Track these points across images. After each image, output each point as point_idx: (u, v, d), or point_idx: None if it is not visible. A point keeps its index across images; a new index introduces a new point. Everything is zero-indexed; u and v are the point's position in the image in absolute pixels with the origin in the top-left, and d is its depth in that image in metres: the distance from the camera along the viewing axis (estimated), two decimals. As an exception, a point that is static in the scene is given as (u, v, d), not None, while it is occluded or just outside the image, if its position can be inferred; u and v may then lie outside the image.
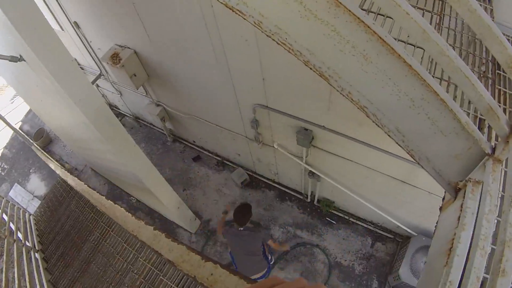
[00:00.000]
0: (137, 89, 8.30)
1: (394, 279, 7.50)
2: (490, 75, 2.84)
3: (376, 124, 2.28)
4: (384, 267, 8.32)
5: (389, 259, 8.40)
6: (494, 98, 1.91)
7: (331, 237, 8.86)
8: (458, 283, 1.80)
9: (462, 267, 1.84)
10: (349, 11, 1.77)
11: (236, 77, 6.30)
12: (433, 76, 2.04)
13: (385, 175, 6.64)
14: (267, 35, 2.06)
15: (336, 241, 8.79)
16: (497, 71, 2.90)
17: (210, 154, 10.34)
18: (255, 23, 2.03)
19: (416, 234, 7.65)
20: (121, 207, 4.60)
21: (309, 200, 9.29)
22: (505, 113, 2.01)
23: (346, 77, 2.12)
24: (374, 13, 2.64)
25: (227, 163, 10.16)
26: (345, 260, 8.48)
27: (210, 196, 9.73)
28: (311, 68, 2.14)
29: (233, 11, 2.02)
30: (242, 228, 6.48)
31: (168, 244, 2.75)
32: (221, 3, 1.99)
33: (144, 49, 7.30)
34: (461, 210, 2.15)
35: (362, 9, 1.82)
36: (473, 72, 1.84)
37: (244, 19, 2.03)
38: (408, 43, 2.58)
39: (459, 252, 1.91)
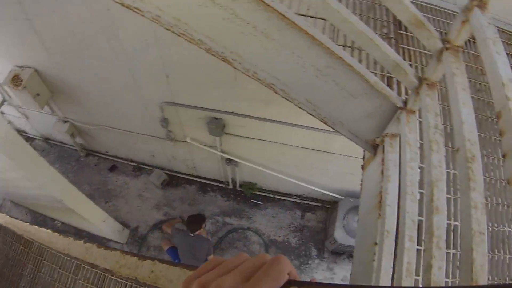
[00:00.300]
0: (42, 109, 7.94)
1: (331, 243, 7.74)
2: (392, 36, 2.99)
3: (286, 99, 2.33)
4: (319, 234, 8.55)
5: (322, 226, 8.64)
6: (399, 55, 2.01)
7: (260, 217, 8.97)
8: (395, 231, 1.90)
9: (396, 216, 1.95)
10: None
11: (139, 78, 6.21)
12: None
13: (301, 148, 6.81)
14: (166, 29, 2.05)
15: (266, 220, 8.91)
16: (398, 31, 3.06)
17: (125, 161, 10.07)
18: (153, 18, 2.02)
19: (343, 197, 7.91)
20: (47, 230, 4.44)
21: (231, 186, 9.33)
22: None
23: (249, 58, 2.16)
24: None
25: (144, 166, 9.95)
26: (279, 236, 8.63)
27: (133, 204, 9.51)
28: (213, 55, 2.15)
29: (130, 9, 1.99)
30: (192, 235, 6.67)
31: (102, 254, 2.72)
32: (117, 2, 1.97)
33: (44, 65, 6.98)
34: (383, 164, 2.27)
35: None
36: (377, 34, 1.93)
37: (142, 15, 2.01)
38: (308, 16, 2.66)
39: (389, 202, 2.02)
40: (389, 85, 2.55)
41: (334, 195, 8.01)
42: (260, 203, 9.11)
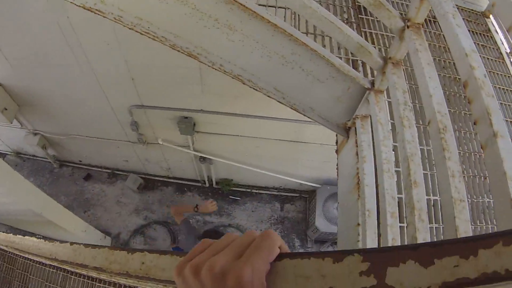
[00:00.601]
0: (11, 123, 7.79)
1: (313, 232, 7.78)
2: (353, 20, 3.02)
3: (254, 89, 2.33)
4: (300, 224, 8.59)
5: (302, 216, 8.67)
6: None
7: (240, 213, 8.96)
8: (376, 210, 1.92)
9: (375, 195, 1.97)
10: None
11: (105, 84, 6.12)
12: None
13: (275, 140, 6.82)
14: (129, 28, 2.03)
15: (246, 215, 8.90)
16: (359, 15, 3.10)
17: (99, 169, 9.93)
18: (115, 19, 1.99)
19: (320, 186, 7.94)
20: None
21: (207, 185, 9.29)
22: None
23: (214, 51, 2.16)
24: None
25: (118, 172, 9.82)
26: (261, 230, 8.54)
27: (112, 210, 9.38)
28: (178, 51, 2.14)
29: (92, 11, 1.97)
30: None
31: (90, 252, 2.68)
32: (79, 6, 1.94)
33: (9, 79, 6.81)
34: (356, 146, 2.29)
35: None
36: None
37: (105, 17, 1.99)
38: (268, 6, 2.67)
39: (367, 182, 2.04)
40: (355, 67, 2.57)
41: (312, 184, 8.04)
42: (238, 198, 9.10)
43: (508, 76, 3.02)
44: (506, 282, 0.49)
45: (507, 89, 2.93)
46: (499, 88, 2.91)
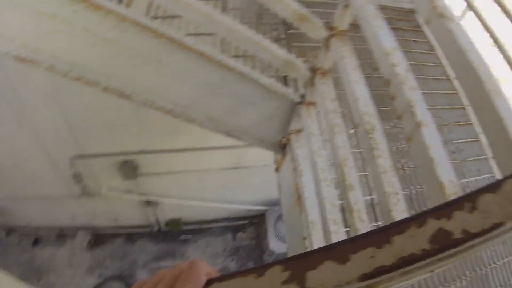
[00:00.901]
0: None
1: (270, 256, 7.76)
2: (283, 37, 3.11)
3: (188, 121, 2.33)
4: (255, 251, 8.53)
5: (256, 241, 8.63)
6: (292, 53, 2.06)
7: (194, 251, 8.82)
8: (320, 221, 1.93)
9: (317, 206, 1.98)
10: (136, 22, 1.79)
11: (42, 137, 5.93)
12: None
13: (216, 170, 6.80)
14: (62, 76, 2.00)
15: (199, 252, 8.77)
16: (288, 31, 3.19)
17: (46, 232, 9.36)
18: (48, 67, 1.96)
19: (268, 208, 8.00)
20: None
21: (157, 228, 9.12)
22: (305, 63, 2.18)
23: (145, 88, 2.14)
24: (162, 17, 2.74)
25: (66, 232, 9.38)
26: (218, 264, 8.50)
27: (65, 275, 8.93)
28: (111, 93, 2.12)
29: (26, 63, 1.93)
30: None
31: None
32: (14, 56, 1.90)
33: None
34: (293, 161, 2.31)
35: (150, 17, 1.85)
36: (267, 38, 1.97)
37: (38, 67, 1.96)
38: (198, 34, 2.68)
39: (307, 194, 2.06)
40: (286, 83, 2.61)
41: (260, 207, 8.05)
42: (190, 236, 8.97)
43: (440, 66, 3.22)
44: (428, 261, 0.51)
45: (439, 78, 3.12)
46: (432, 78, 3.11)
